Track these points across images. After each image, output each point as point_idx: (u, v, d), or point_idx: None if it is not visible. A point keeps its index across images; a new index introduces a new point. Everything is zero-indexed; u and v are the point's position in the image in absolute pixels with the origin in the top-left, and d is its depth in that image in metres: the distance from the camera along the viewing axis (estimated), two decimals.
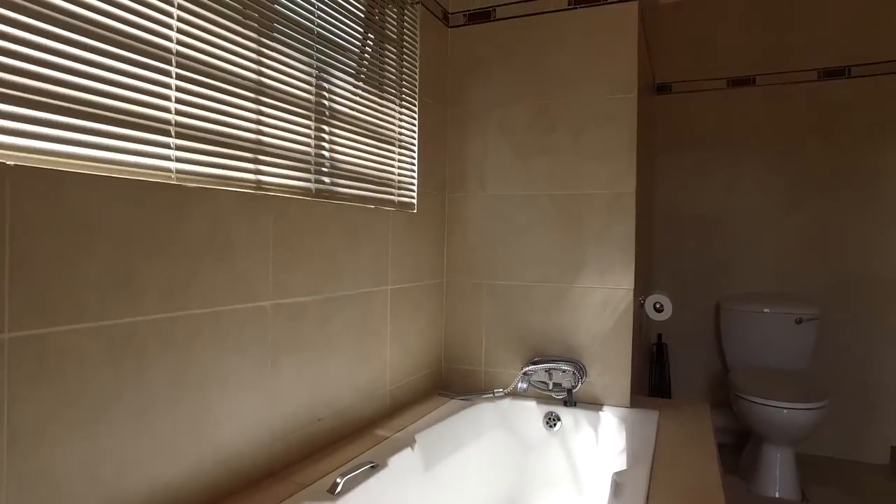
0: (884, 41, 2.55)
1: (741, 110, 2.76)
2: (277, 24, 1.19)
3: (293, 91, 1.24)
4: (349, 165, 1.46)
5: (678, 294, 2.87)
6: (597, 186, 1.77)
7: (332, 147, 1.39)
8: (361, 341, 1.52)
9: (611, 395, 1.80)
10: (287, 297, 1.23)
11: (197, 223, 1.01)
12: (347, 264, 1.44)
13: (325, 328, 1.37)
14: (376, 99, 1.57)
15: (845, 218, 2.63)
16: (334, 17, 1.38)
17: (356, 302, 1.48)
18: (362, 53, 1.52)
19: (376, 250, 1.57)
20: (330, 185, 1.37)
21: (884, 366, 2.59)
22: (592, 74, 1.78)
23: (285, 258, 1.22)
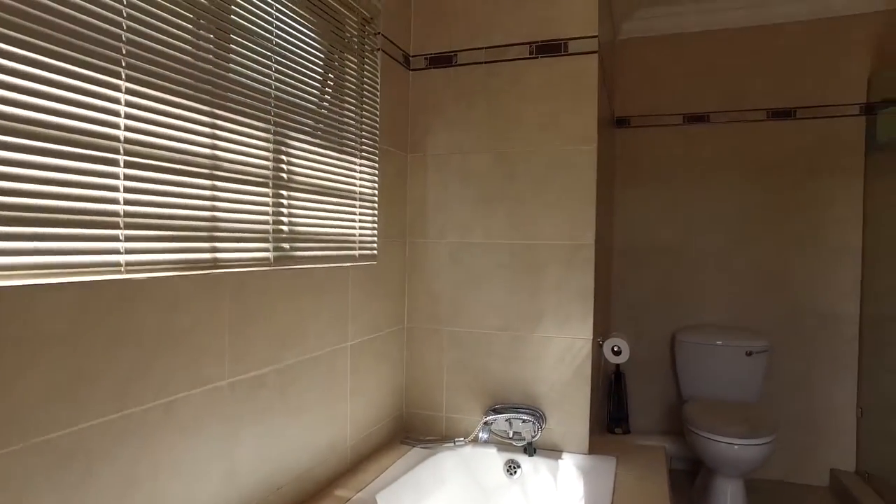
0: (825, 87, 2.67)
1: (697, 146, 2.84)
2: (232, 93, 1.15)
3: (250, 160, 1.21)
4: (309, 228, 1.43)
5: (636, 324, 2.93)
6: (556, 237, 1.79)
7: (291, 213, 1.36)
8: (322, 402, 1.49)
9: (570, 442, 1.82)
10: (245, 372, 1.20)
11: (149, 314, 0.97)
12: (307, 328, 1.41)
13: (285, 396, 1.34)
14: (335, 154, 1.54)
15: (794, 253, 2.74)
16: (292, 76, 1.35)
17: (317, 363, 1.46)
18: (320, 109, 1.49)
19: (336, 309, 1.55)
20: (289, 252, 1.34)
21: (825, 394, 2.71)
22: (553, 124, 1.80)
23: (243, 333, 1.19)
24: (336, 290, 1.54)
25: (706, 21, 2.80)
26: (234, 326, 1.17)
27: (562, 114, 1.78)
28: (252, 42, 1.20)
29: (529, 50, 1.82)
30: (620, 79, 2.93)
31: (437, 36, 1.92)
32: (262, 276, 1.25)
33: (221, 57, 1.13)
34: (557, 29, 1.79)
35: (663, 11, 2.80)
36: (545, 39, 1.80)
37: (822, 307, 2.70)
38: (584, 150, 1.76)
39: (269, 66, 1.26)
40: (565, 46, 1.78)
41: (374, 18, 1.73)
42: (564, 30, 1.79)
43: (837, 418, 2.71)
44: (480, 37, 1.87)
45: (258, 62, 1.23)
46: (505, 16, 1.85)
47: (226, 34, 1.14)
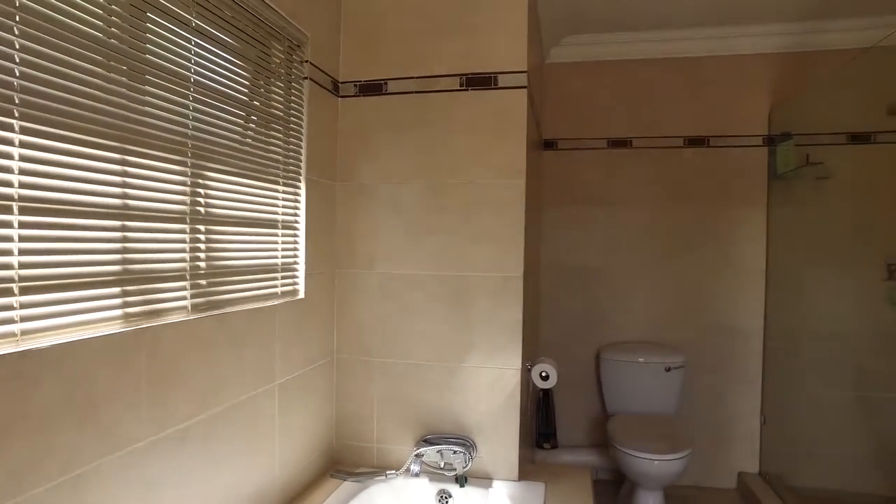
0: (733, 118, 2.86)
1: (620, 170, 2.96)
2: (145, 130, 1.08)
3: (164, 197, 1.14)
4: (229, 262, 1.37)
5: (563, 341, 3.01)
6: (486, 269, 1.80)
7: (210, 248, 1.29)
8: (249, 445, 1.43)
9: (500, 469, 1.85)
10: (165, 429, 1.13)
11: (51, 387, 0.89)
12: (231, 374, 1.35)
13: (209, 447, 1.27)
14: (258, 185, 1.49)
15: (707, 273, 2.91)
16: (212, 107, 1.28)
17: (242, 408, 1.40)
18: (244, 139, 1.43)
19: (262, 350, 1.49)
20: (207, 290, 1.28)
21: (733, 404, 2.91)
22: (483, 157, 1.81)
23: (163, 390, 1.12)
24: (262, 333, 1.48)
25: (629, 51, 2.92)
26: (153, 385, 1.09)
27: (492, 147, 1.80)
28: (168, 77, 1.14)
29: (460, 82, 1.83)
30: (549, 102, 3.00)
31: (368, 63, 1.90)
32: (181, 328, 1.18)
33: (135, 93, 1.05)
34: (488, 62, 1.81)
35: (589, 40, 2.90)
36: (475, 72, 1.82)
37: (731, 324, 2.89)
38: (513, 183, 1.79)
39: (186, 98, 1.19)
40: (495, 80, 1.80)
41: (302, 46, 1.69)
42: (494, 63, 1.81)
43: (744, 425, 2.91)
44: (411, 66, 1.87)
45: (175, 96, 1.16)
46: (436, 46, 1.85)
47: (139, 74, 1.07)
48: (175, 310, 1.17)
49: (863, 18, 2.60)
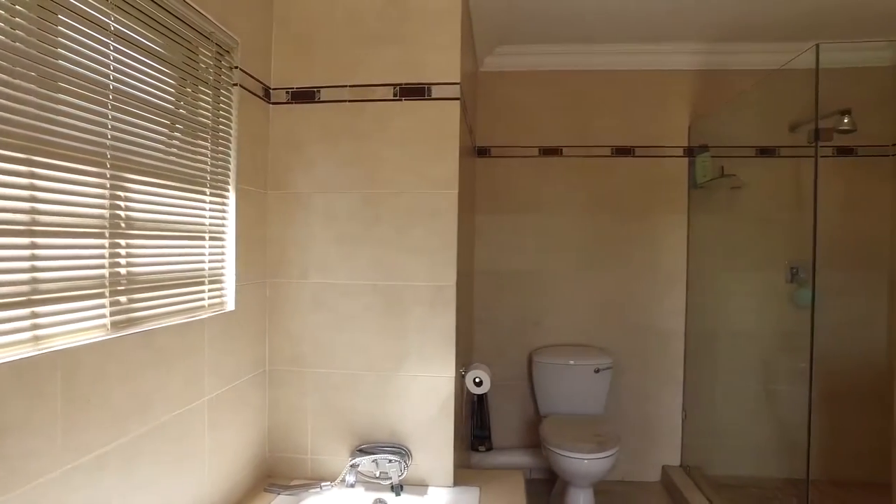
0: (657, 130, 3.01)
1: (551, 177, 3.05)
2: (57, 140, 1.02)
3: (79, 210, 1.08)
4: (151, 274, 1.31)
5: (497, 345, 3.07)
6: (420, 278, 1.82)
7: (131, 262, 1.24)
8: (177, 466, 1.38)
9: (436, 476, 1.87)
10: (83, 456, 1.07)
11: None
12: (157, 392, 1.30)
13: (131, 471, 1.21)
14: (182, 193, 1.43)
15: (633, 278, 3.04)
16: (134, 118, 1.23)
17: (169, 427, 1.35)
18: (170, 146, 1.38)
19: (190, 365, 1.44)
20: (128, 306, 1.22)
21: (658, 401, 3.06)
22: (417, 167, 1.83)
23: (79, 415, 1.06)
24: (189, 347, 1.43)
25: (560, 62, 3.02)
26: (69, 410, 1.04)
27: (425, 157, 1.82)
28: (83, 83, 1.08)
29: (394, 92, 1.84)
30: (482, 110, 3.05)
31: (300, 70, 1.87)
32: (100, 348, 1.12)
33: (46, 100, 0.99)
34: (421, 72, 1.83)
35: (522, 50, 2.97)
36: (409, 82, 1.83)
37: (655, 326, 3.04)
38: (447, 193, 1.81)
39: (104, 105, 1.14)
40: (429, 91, 1.82)
41: (232, 51, 1.64)
42: (428, 74, 1.83)
43: (667, 421, 3.06)
44: (345, 74, 1.85)
45: (91, 103, 1.10)
46: (369, 55, 1.85)
47: (50, 80, 1.01)
48: (93, 328, 1.11)
49: (770, 43, 2.80)
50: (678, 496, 2.77)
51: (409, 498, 1.79)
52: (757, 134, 2.89)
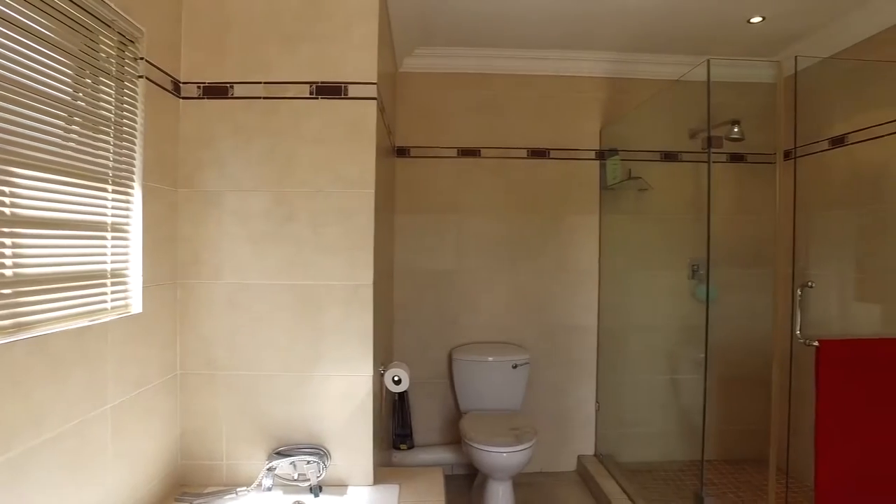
0: (571, 133, 3.14)
1: (470, 178, 3.12)
2: None
3: None
4: (44, 275, 1.24)
5: (417, 343, 3.10)
6: (336, 278, 1.82)
7: (17, 261, 1.15)
8: (74, 479, 1.30)
9: (355, 475, 1.87)
10: None
11: None
12: (52, 402, 1.22)
13: (19, 488, 1.13)
14: (79, 190, 1.36)
15: (549, 276, 3.16)
16: (22, 108, 1.15)
17: (66, 439, 1.27)
18: (67, 140, 1.30)
19: (91, 372, 1.36)
20: (14, 310, 1.15)
21: (573, 394, 3.20)
22: (333, 167, 1.82)
23: None
24: (89, 352, 1.36)
25: (479, 64, 3.09)
26: None
27: (341, 157, 1.82)
28: None
29: (310, 90, 1.82)
30: (402, 110, 3.08)
31: (212, 65, 1.82)
32: None
33: None
34: (338, 72, 1.83)
35: (441, 52, 3.02)
36: (326, 81, 1.82)
37: (570, 322, 3.18)
38: (363, 193, 1.82)
39: None
40: (345, 90, 1.82)
41: (136, 41, 1.57)
42: (345, 73, 1.83)
43: (582, 413, 3.21)
44: (259, 71, 1.82)
45: None
46: (285, 52, 1.82)
47: None
48: None
49: (672, 56, 3.01)
50: (592, 484, 2.91)
51: (328, 498, 1.79)
52: (661, 139, 3.09)
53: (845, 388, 1.90)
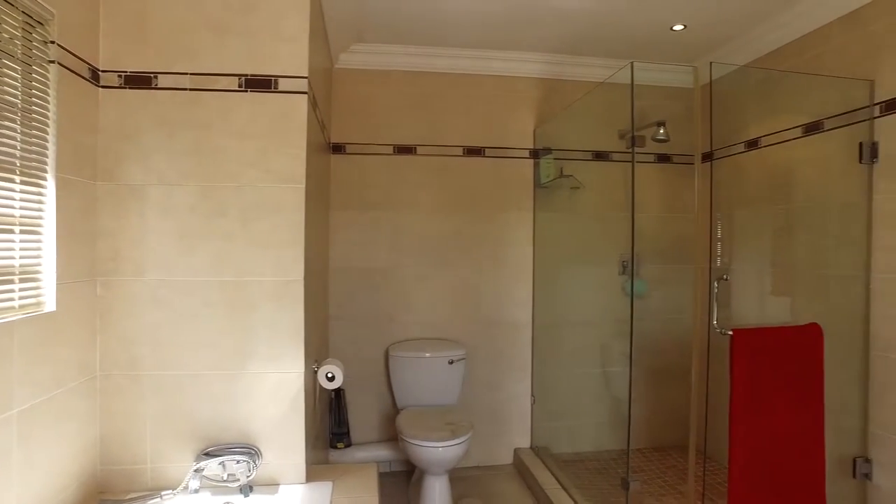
0: (506, 132, 3.21)
1: (406, 175, 3.13)
2: None
3: None
4: None
5: (353, 341, 3.09)
6: (266, 274, 1.79)
7: None
8: None
9: (287, 474, 1.84)
10: None
11: None
12: None
13: None
14: None
15: (485, 273, 3.22)
16: None
17: None
18: None
19: None
20: None
21: (509, 389, 3.27)
22: (262, 161, 1.79)
23: None
24: None
25: (415, 62, 3.10)
26: None
27: (271, 151, 1.79)
28: None
29: (239, 83, 1.78)
30: (337, 106, 3.05)
31: (135, 53, 1.75)
32: None
33: None
34: (268, 65, 1.80)
35: (377, 49, 3.02)
36: (255, 74, 1.79)
37: (505, 317, 3.24)
38: (294, 188, 1.80)
39: None
40: (276, 83, 1.80)
41: (46, 24, 1.49)
42: (275, 66, 1.80)
43: (518, 407, 3.28)
44: (186, 61, 1.77)
45: None
46: (213, 43, 1.78)
47: None
48: None
49: (602, 59, 3.13)
50: (528, 476, 2.98)
51: (259, 498, 1.76)
52: (593, 140, 3.20)
53: (755, 372, 2.03)
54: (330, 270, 3.06)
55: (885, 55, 2.15)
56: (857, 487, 2.23)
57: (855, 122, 2.25)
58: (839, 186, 2.35)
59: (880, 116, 2.17)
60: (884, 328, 2.15)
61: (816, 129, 2.45)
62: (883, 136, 2.16)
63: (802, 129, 2.52)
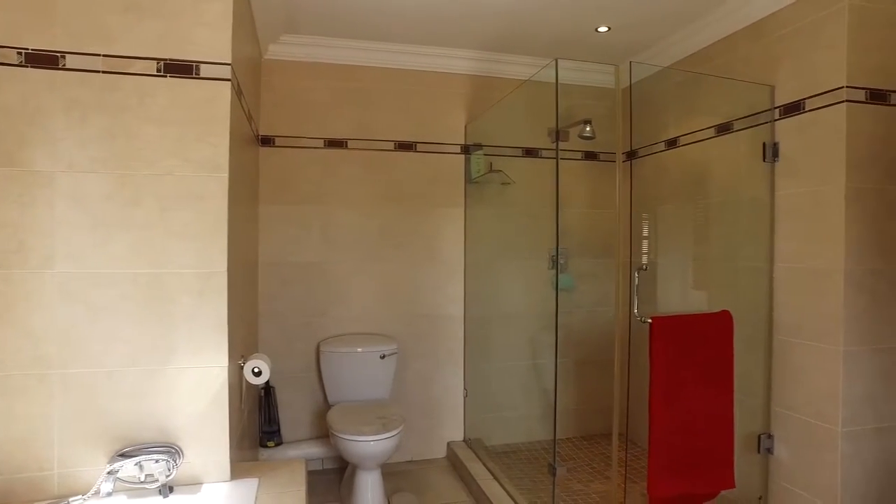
0: (438, 128, 3.24)
1: (337, 169, 3.09)
2: None
3: None
4: None
5: (284, 337, 3.02)
6: (187, 266, 1.72)
7: None
8: None
9: (210, 472, 1.79)
10: None
11: None
12: None
13: None
14: None
15: (417, 268, 3.23)
16: None
17: None
18: None
19: None
20: None
21: (442, 382, 3.30)
22: (182, 149, 1.72)
23: None
24: None
25: (346, 56, 3.07)
26: None
27: (193, 139, 1.73)
28: None
29: (157, 67, 1.71)
30: (267, 98, 2.98)
31: (38, 30, 1.63)
32: None
33: None
34: (189, 50, 1.73)
35: (308, 41, 2.97)
36: (175, 58, 1.72)
37: (437, 312, 3.27)
38: (216, 177, 1.74)
39: None
40: (197, 69, 1.74)
41: None
42: (197, 52, 1.74)
43: (451, 400, 3.32)
44: (97, 42, 1.67)
45: None
46: (129, 24, 1.69)
47: None
48: None
49: (532, 58, 3.21)
50: (461, 468, 3.02)
51: (179, 498, 1.69)
52: (523, 137, 3.28)
53: (672, 357, 2.15)
54: (260, 265, 2.98)
55: (784, 63, 2.33)
56: (761, 461, 2.40)
57: (759, 125, 2.42)
58: (747, 183, 2.52)
59: (780, 119, 2.35)
60: (784, 314, 2.32)
61: (727, 129, 2.62)
62: (783, 137, 2.34)
63: (715, 130, 2.69)
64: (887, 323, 2.15)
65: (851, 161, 2.09)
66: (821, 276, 2.16)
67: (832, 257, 2.12)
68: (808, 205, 2.23)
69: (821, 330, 2.16)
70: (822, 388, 2.15)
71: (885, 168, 2.14)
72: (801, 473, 2.25)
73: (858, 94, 2.09)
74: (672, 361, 2.15)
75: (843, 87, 2.08)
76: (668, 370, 2.15)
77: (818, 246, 2.18)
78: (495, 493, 2.62)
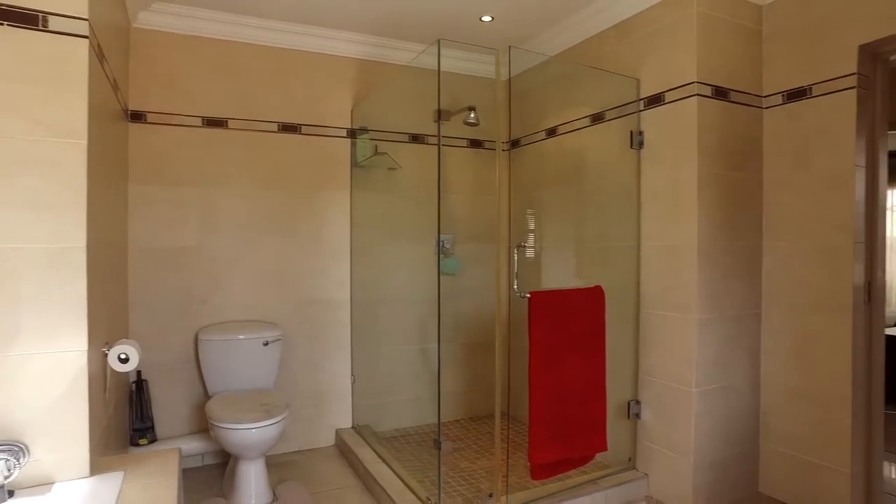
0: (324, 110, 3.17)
1: (216, 150, 2.92)
2: None
3: None
4: None
5: (158, 327, 2.81)
6: (33, 240, 1.55)
7: None
8: None
9: (66, 469, 1.62)
10: None
11: None
12: None
13: None
14: None
15: (301, 252, 3.14)
16: None
17: None
18: None
19: None
20: None
21: (328, 369, 3.23)
22: (27, 111, 1.54)
23: None
24: None
25: (227, 31, 2.91)
26: None
27: (42, 99, 1.55)
28: None
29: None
30: (138, 70, 2.75)
31: None
32: None
33: None
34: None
35: (182, 11, 2.77)
36: (14, 5, 1.53)
37: (323, 297, 3.20)
38: (73, 143, 1.58)
39: None
40: (44, 21, 1.56)
41: None
42: (44, 1, 1.56)
43: (338, 387, 3.27)
44: None
45: None
46: None
47: None
48: None
49: (418, 44, 3.24)
50: (350, 455, 2.98)
51: (24, 501, 1.52)
52: (410, 122, 3.30)
53: (549, 329, 2.27)
54: (131, 251, 2.75)
55: (647, 59, 2.54)
56: (630, 425, 2.62)
57: (627, 115, 2.62)
58: (618, 170, 2.72)
59: (644, 110, 2.56)
60: (649, 288, 2.54)
61: (600, 119, 2.81)
62: (647, 127, 2.55)
63: (590, 119, 2.87)
64: (733, 293, 2.43)
65: (702, 149, 2.32)
66: (679, 253, 2.39)
67: (688, 236, 2.35)
68: (668, 188, 2.45)
69: (679, 302, 2.39)
70: (680, 353, 2.38)
71: (726, 157, 2.40)
72: (661, 433, 2.47)
73: (706, 90, 2.34)
74: (549, 333, 2.27)
75: (695, 83, 2.31)
76: (546, 342, 2.27)
77: (676, 225, 2.40)
78: (383, 475, 2.62)
